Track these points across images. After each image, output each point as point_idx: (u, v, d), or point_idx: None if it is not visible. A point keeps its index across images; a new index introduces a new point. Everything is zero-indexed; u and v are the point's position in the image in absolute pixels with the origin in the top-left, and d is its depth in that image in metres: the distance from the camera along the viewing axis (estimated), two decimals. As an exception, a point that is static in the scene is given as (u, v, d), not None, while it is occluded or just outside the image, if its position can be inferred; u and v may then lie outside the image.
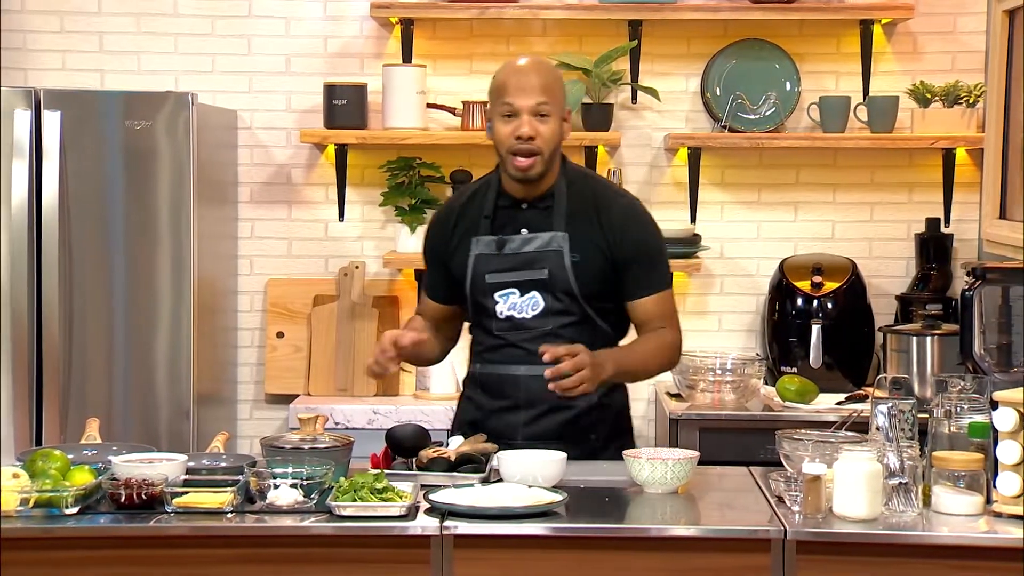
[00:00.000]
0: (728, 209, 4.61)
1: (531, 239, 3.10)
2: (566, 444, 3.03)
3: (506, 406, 3.13)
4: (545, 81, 3.05)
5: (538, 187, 3.11)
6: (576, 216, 3.10)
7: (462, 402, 3.27)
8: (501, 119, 3.05)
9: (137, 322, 4.09)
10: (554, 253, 3.08)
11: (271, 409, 4.62)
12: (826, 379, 4.23)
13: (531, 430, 3.10)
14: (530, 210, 3.12)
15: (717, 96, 4.51)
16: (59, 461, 2.71)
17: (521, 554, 2.61)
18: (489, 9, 4.42)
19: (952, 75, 4.50)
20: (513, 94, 3.03)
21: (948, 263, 4.49)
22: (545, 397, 3.05)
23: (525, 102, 3.02)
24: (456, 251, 3.15)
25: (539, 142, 3.03)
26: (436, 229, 3.24)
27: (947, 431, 2.81)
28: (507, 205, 3.14)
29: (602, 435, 3.15)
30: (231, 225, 4.59)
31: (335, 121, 4.45)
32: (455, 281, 3.17)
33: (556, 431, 3.10)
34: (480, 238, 3.12)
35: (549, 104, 3.03)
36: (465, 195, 3.23)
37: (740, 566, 2.60)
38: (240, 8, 4.59)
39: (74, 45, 4.58)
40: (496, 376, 3.14)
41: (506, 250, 3.10)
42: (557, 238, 3.08)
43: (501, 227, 3.12)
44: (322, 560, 2.60)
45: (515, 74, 3.06)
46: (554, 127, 3.05)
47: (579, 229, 3.09)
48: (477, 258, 3.12)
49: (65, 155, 4.03)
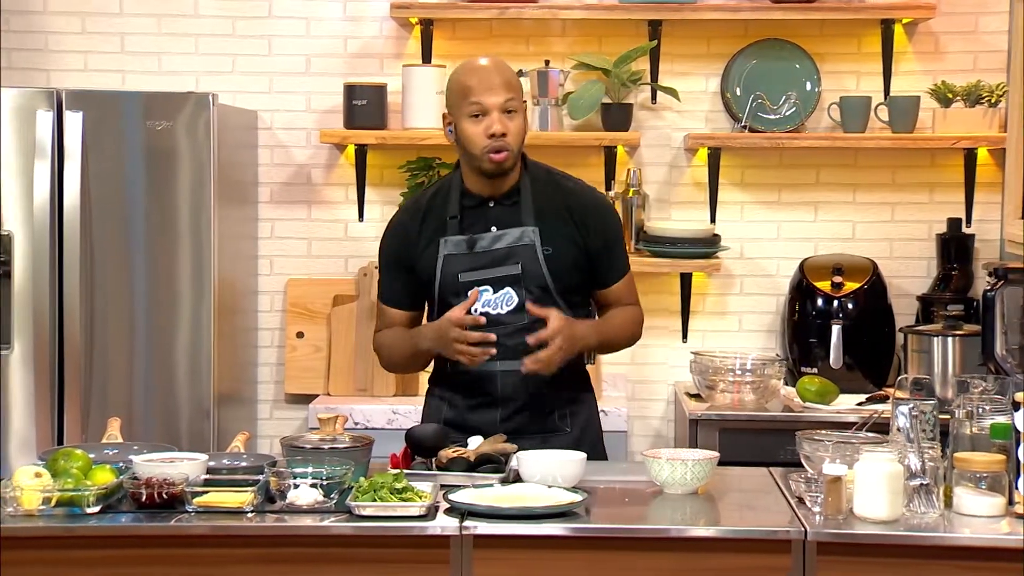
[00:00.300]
0: (748, 209, 4.60)
1: (501, 235, 3.12)
2: (544, 437, 3.10)
3: (483, 403, 3.14)
4: (508, 78, 3.09)
5: (504, 184, 3.13)
6: (545, 210, 3.13)
7: (432, 401, 3.25)
8: (469, 119, 3.06)
9: (158, 322, 4.10)
10: (526, 248, 3.10)
11: (291, 409, 4.63)
12: (846, 380, 4.22)
13: (509, 425, 3.11)
14: (497, 207, 3.14)
15: (737, 96, 4.50)
16: (81, 460, 2.72)
17: (540, 554, 2.61)
18: (509, 9, 4.42)
19: (974, 75, 4.48)
20: (480, 93, 3.05)
21: (969, 263, 4.46)
22: (520, 392, 3.11)
23: (493, 100, 3.05)
24: (423, 254, 3.15)
25: (510, 138, 3.06)
26: (397, 234, 3.21)
27: (969, 432, 2.79)
28: (473, 204, 3.15)
29: (576, 428, 3.18)
30: (251, 225, 4.60)
31: (355, 121, 4.46)
32: (421, 285, 3.17)
33: (533, 426, 3.13)
34: (448, 239, 3.13)
35: (515, 100, 3.07)
36: (424, 199, 3.22)
37: (760, 567, 2.59)
38: (260, 9, 4.60)
39: (96, 46, 4.60)
40: (471, 374, 3.13)
41: (477, 248, 3.11)
42: (528, 232, 3.11)
43: (469, 226, 3.14)
44: (341, 560, 2.60)
45: (478, 73, 3.08)
46: (520, 122, 3.09)
47: (549, 223, 3.12)
48: (447, 258, 3.12)
49: (87, 155, 4.04)
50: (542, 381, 3.11)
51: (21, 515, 2.62)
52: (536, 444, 3.05)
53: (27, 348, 4.04)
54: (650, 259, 4.42)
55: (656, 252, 4.41)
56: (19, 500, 2.62)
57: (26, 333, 4.04)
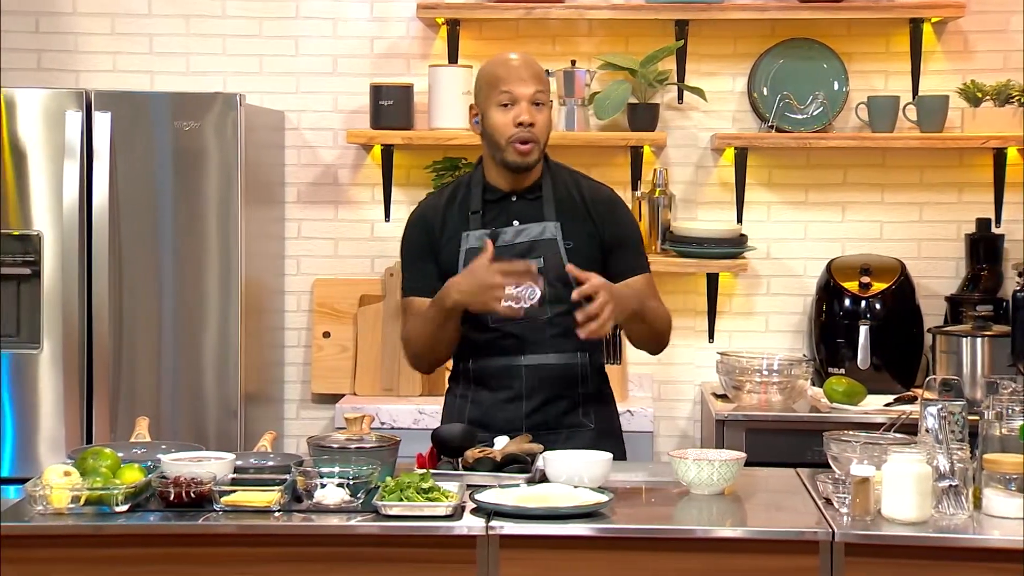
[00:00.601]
0: (775, 209, 4.59)
1: (523, 230, 3.13)
2: (568, 432, 3.11)
3: (507, 398, 3.15)
4: (538, 72, 3.13)
5: (526, 179, 3.15)
6: (565, 206, 3.15)
7: (454, 401, 3.24)
8: (497, 108, 3.09)
9: (186, 322, 4.12)
10: (548, 242, 3.12)
11: (317, 408, 4.64)
12: (874, 380, 4.20)
13: (533, 420, 3.13)
14: (519, 202, 3.16)
15: (764, 96, 4.48)
16: (109, 459, 2.73)
17: (567, 554, 2.60)
18: (535, 9, 4.42)
19: (1003, 74, 4.45)
20: (511, 83, 3.08)
21: (999, 264, 4.44)
22: (545, 386, 3.11)
23: (524, 90, 3.07)
24: (445, 247, 3.16)
25: (536, 130, 3.09)
26: (420, 227, 3.22)
27: (998, 433, 2.78)
28: (495, 199, 3.17)
29: (599, 423, 3.18)
30: (278, 225, 4.61)
31: (381, 121, 4.47)
32: (444, 276, 3.15)
33: (557, 420, 3.14)
34: (470, 233, 3.14)
35: (544, 93, 3.10)
36: (445, 193, 3.24)
37: (787, 568, 2.58)
38: (288, 9, 4.62)
39: (124, 47, 4.62)
40: (495, 368, 3.14)
41: (499, 242, 3.11)
42: (549, 227, 3.12)
43: (491, 221, 3.15)
44: (368, 559, 2.61)
45: (509, 64, 3.12)
46: (548, 117, 3.12)
47: (569, 218, 3.14)
48: (469, 252, 3.13)
49: (115, 156, 4.07)
50: (567, 375, 3.11)
51: (50, 513, 2.63)
52: (559, 440, 3.07)
53: (56, 348, 4.07)
54: (676, 259, 4.41)
55: (682, 252, 4.40)
56: (48, 498, 2.63)
57: (55, 333, 4.06)
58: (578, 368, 3.15)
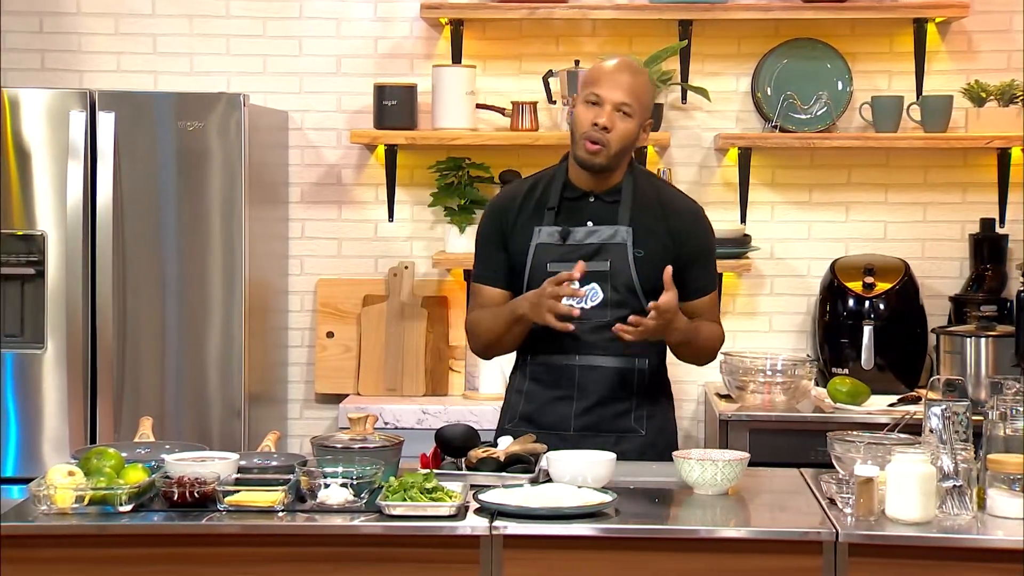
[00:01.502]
0: (779, 209, 4.59)
1: (595, 231, 3.14)
2: (617, 436, 3.10)
3: (559, 396, 3.15)
4: (635, 83, 3.12)
5: (606, 181, 3.16)
6: (642, 213, 3.15)
7: (511, 396, 3.27)
8: (584, 105, 3.12)
9: (189, 322, 4.12)
10: (617, 246, 3.12)
11: (321, 409, 4.65)
12: (878, 381, 4.19)
13: (583, 421, 3.13)
14: (596, 203, 3.17)
15: (768, 96, 4.48)
16: (113, 459, 2.74)
17: (570, 555, 2.60)
18: (539, 9, 4.42)
19: (1007, 74, 4.45)
20: (602, 86, 3.10)
21: (1003, 264, 4.44)
22: (598, 388, 3.11)
23: (611, 95, 3.09)
24: (517, 239, 3.18)
25: (611, 136, 3.09)
26: (496, 215, 3.24)
27: (1002, 433, 2.77)
28: (573, 197, 3.18)
29: (651, 431, 3.16)
30: (282, 225, 4.62)
31: (385, 122, 4.47)
32: (514, 268, 3.19)
33: (607, 423, 3.13)
34: (543, 227, 3.16)
35: (632, 106, 3.09)
36: (526, 185, 3.25)
37: (791, 568, 2.58)
38: (291, 9, 4.62)
39: (128, 47, 4.62)
40: (550, 366, 3.16)
41: (570, 240, 3.13)
42: (621, 232, 3.12)
43: (566, 218, 3.16)
44: (372, 559, 2.61)
45: (610, 69, 3.14)
46: (631, 127, 3.10)
47: (644, 225, 3.14)
48: (539, 247, 3.15)
49: (119, 156, 4.07)
50: (621, 379, 3.12)
51: (54, 513, 2.63)
52: (608, 444, 3.07)
53: (60, 348, 4.07)
54: (680, 259, 4.40)
55: (686, 252, 4.40)
56: (52, 498, 2.63)
57: (59, 333, 4.06)
58: (634, 373, 3.15)
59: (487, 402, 4.35)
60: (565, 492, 2.71)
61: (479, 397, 4.42)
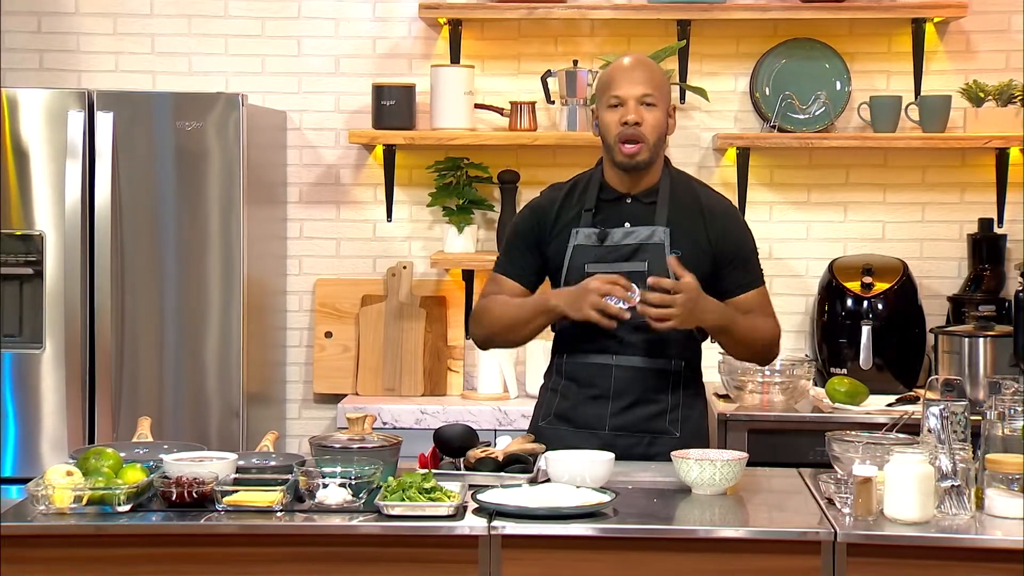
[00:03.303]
0: (777, 209, 4.59)
1: (632, 232, 3.14)
2: (651, 437, 3.12)
3: (594, 395, 3.16)
4: (650, 75, 3.15)
5: (643, 181, 3.16)
6: (679, 213, 3.15)
7: (545, 394, 3.28)
8: (608, 110, 3.13)
9: (188, 322, 4.12)
10: (655, 247, 3.12)
11: (319, 408, 4.64)
12: (876, 381, 4.19)
13: (618, 421, 3.14)
14: (634, 204, 3.17)
15: (766, 96, 4.48)
16: (111, 459, 2.74)
17: (569, 555, 2.60)
18: (537, 9, 4.42)
19: (1006, 74, 4.45)
20: (619, 86, 3.12)
21: (1001, 264, 4.44)
22: (633, 388, 3.12)
23: (631, 92, 3.10)
24: (555, 240, 3.19)
25: (644, 129, 3.10)
26: (535, 216, 3.24)
27: (1000, 433, 2.78)
28: (610, 199, 3.19)
29: (686, 433, 3.16)
30: (280, 225, 4.61)
31: (383, 122, 4.47)
32: (549, 269, 3.20)
33: (641, 424, 3.14)
34: (581, 230, 3.16)
35: (654, 96, 3.11)
36: (565, 188, 3.26)
37: (790, 568, 2.58)
38: (290, 9, 4.62)
39: (126, 47, 4.62)
40: (586, 366, 3.17)
41: (607, 242, 3.14)
42: (659, 232, 3.13)
43: (604, 220, 3.17)
44: (370, 559, 2.61)
45: (622, 69, 3.15)
46: (659, 116, 3.12)
47: (681, 226, 3.14)
48: (576, 248, 3.16)
49: (117, 156, 4.07)
50: (657, 380, 3.12)
51: (53, 513, 2.63)
52: (641, 445, 3.09)
53: (58, 348, 4.07)
54: (679, 259, 4.40)
55: (685, 252, 4.40)
56: (51, 498, 2.63)
57: (57, 333, 4.06)
58: (670, 375, 3.15)
59: (485, 402, 4.35)
60: (563, 492, 2.72)
61: (477, 397, 4.42)
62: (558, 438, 3.09)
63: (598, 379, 3.16)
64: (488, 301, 3.24)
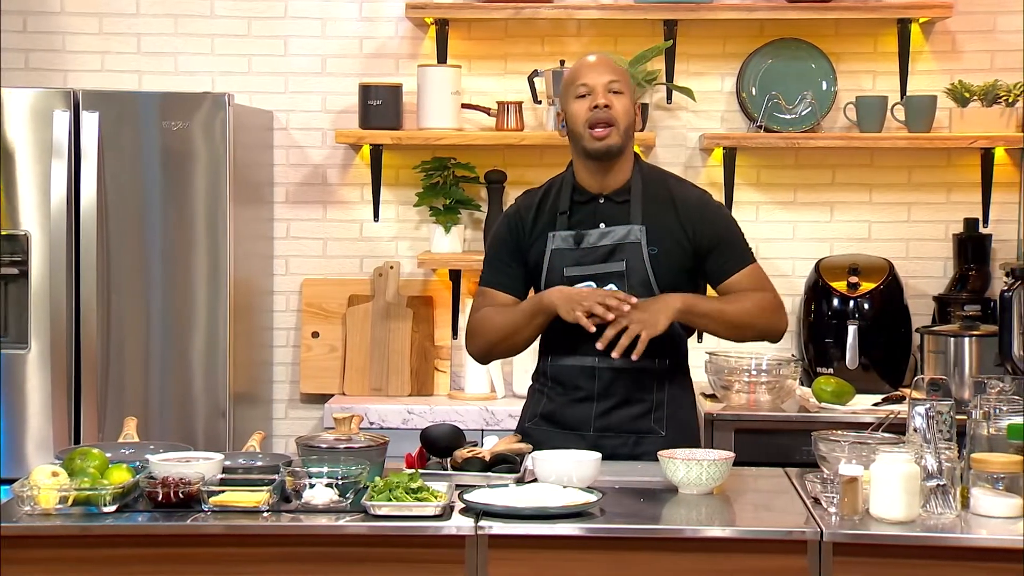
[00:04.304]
0: (764, 209, 4.60)
1: (608, 232, 3.14)
2: (637, 437, 3.12)
3: (579, 397, 3.16)
4: (615, 67, 3.17)
5: (614, 179, 3.16)
6: (653, 209, 3.15)
7: (532, 395, 3.29)
8: (575, 100, 3.13)
9: (174, 322, 4.11)
10: (632, 246, 3.12)
11: (306, 409, 4.64)
12: (863, 380, 4.20)
13: (602, 422, 3.14)
14: (607, 204, 3.17)
15: (753, 96, 4.49)
16: (97, 460, 2.73)
17: (556, 554, 2.60)
18: (524, 9, 4.42)
19: (991, 74, 4.46)
20: (585, 75, 3.13)
21: (987, 264, 4.45)
22: (617, 389, 3.12)
23: (598, 80, 3.11)
24: (533, 246, 3.19)
25: (614, 112, 3.10)
26: (511, 224, 3.24)
27: (986, 433, 2.79)
28: (583, 200, 3.18)
29: (671, 432, 3.16)
30: (267, 225, 4.61)
31: (370, 121, 4.46)
32: (531, 275, 3.21)
33: (627, 424, 3.14)
34: (557, 233, 3.17)
35: (620, 82, 3.12)
36: (539, 193, 3.25)
37: (776, 567, 2.59)
38: (276, 9, 4.61)
39: (112, 46, 4.61)
40: (570, 368, 3.17)
41: (584, 244, 3.14)
42: (634, 231, 3.12)
43: (578, 222, 3.17)
44: (357, 559, 2.61)
45: (586, 63, 3.18)
46: (627, 103, 3.12)
47: (657, 222, 3.14)
48: (554, 253, 3.16)
49: (103, 155, 4.06)
50: (641, 380, 3.12)
51: (38, 514, 2.63)
52: (627, 445, 3.09)
53: (44, 348, 4.06)
54: (665, 259, 4.41)
55: (671, 252, 4.40)
56: (36, 499, 2.63)
57: (43, 333, 4.05)
58: (654, 374, 3.15)
59: (472, 402, 4.35)
60: (550, 492, 2.72)
61: (464, 397, 4.42)
62: (544, 439, 3.09)
63: (582, 381, 3.16)
64: (482, 313, 3.23)
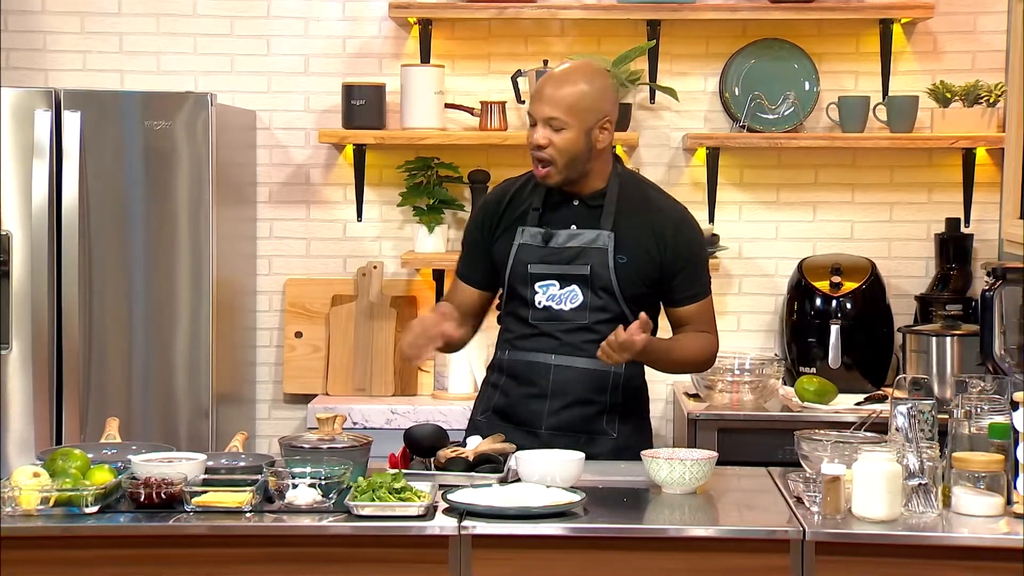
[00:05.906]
0: (747, 209, 4.61)
1: (577, 235, 3.13)
2: (588, 437, 3.11)
3: (533, 394, 3.16)
4: (562, 94, 3.06)
5: (588, 185, 3.15)
6: (627, 217, 3.14)
7: (486, 389, 3.28)
8: (530, 125, 3.13)
9: (156, 322, 4.10)
10: (598, 251, 3.11)
11: (289, 409, 4.63)
12: (845, 380, 4.22)
13: (554, 420, 3.14)
14: (581, 206, 3.16)
15: (736, 96, 4.50)
16: (79, 460, 2.72)
17: (539, 554, 2.61)
18: (507, 9, 4.42)
19: (972, 74, 4.48)
20: (533, 103, 3.12)
21: (968, 263, 4.47)
22: (571, 388, 3.11)
23: (539, 112, 3.09)
24: (501, 237, 3.19)
25: (550, 151, 3.07)
26: (485, 212, 3.25)
27: (967, 432, 2.79)
28: (559, 200, 3.17)
29: (623, 435, 3.16)
30: (250, 225, 4.60)
31: (353, 121, 4.46)
32: (494, 266, 3.20)
33: (578, 424, 3.13)
34: (526, 228, 3.16)
35: (559, 119, 3.05)
36: (518, 183, 3.25)
37: (759, 567, 2.59)
38: (259, 9, 4.60)
39: (94, 46, 4.60)
40: (526, 363, 3.16)
41: (552, 243, 3.13)
42: (603, 236, 3.12)
43: (550, 221, 3.16)
44: (340, 560, 2.60)
45: (543, 84, 3.12)
46: (568, 137, 3.06)
47: (628, 231, 3.13)
48: (521, 247, 3.15)
49: (85, 155, 4.04)
50: (596, 381, 3.12)
51: (19, 515, 2.62)
52: (578, 444, 3.06)
53: (25, 348, 4.04)
54: (649, 259, 4.41)
55: (655, 252, 4.40)
56: (17, 500, 2.62)
57: (24, 333, 4.04)
58: (610, 377, 3.14)
59: (456, 402, 4.35)
60: (534, 492, 2.72)
61: (448, 397, 4.42)
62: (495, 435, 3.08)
63: (537, 377, 3.15)
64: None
